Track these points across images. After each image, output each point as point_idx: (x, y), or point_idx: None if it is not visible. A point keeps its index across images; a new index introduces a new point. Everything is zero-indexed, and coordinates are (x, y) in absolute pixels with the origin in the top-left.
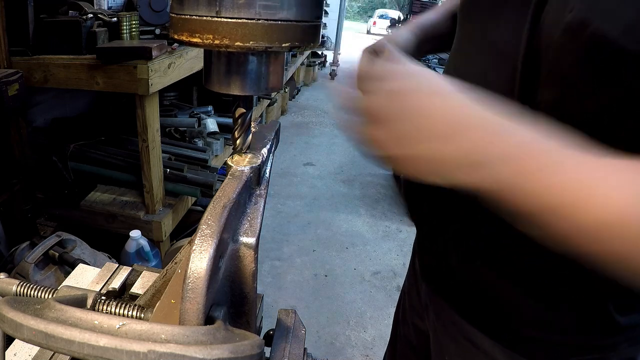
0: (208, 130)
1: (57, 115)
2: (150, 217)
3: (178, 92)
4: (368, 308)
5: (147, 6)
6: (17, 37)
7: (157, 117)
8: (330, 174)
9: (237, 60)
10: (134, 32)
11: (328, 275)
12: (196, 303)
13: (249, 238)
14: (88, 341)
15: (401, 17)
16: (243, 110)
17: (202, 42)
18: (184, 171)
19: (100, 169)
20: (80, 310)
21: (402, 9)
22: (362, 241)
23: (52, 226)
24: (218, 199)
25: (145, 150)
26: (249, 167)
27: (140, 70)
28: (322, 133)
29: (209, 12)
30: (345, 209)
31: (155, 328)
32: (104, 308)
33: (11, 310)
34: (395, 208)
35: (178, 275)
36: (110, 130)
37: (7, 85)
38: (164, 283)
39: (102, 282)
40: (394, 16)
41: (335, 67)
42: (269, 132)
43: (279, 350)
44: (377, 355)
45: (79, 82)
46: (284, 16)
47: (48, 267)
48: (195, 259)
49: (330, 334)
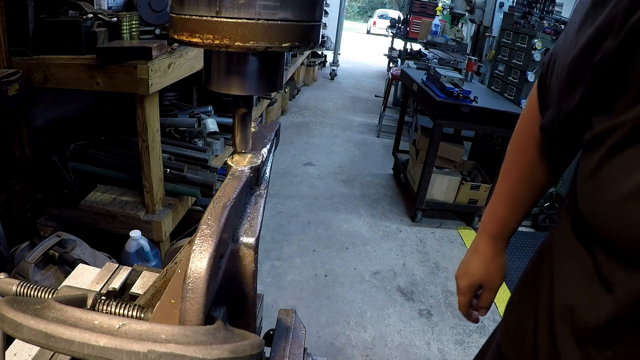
0: (208, 130)
1: (57, 115)
2: (150, 217)
3: (178, 92)
4: (368, 308)
5: (147, 6)
6: (17, 37)
7: (157, 117)
8: (330, 174)
9: (237, 60)
10: (134, 32)
11: (328, 275)
12: (196, 303)
13: (249, 238)
14: (88, 341)
15: (401, 17)
16: (243, 110)
17: (202, 42)
18: (184, 171)
19: (100, 169)
20: (80, 310)
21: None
22: (362, 241)
23: (52, 226)
24: (218, 199)
25: (145, 150)
26: (249, 167)
27: (140, 70)
28: (322, 133)
29: (209, 12)
30: (345, 209)
31: (155, 328)
32: (104, 308)
33: (11, 310)
34: (395, 208)
35: (178, 275)
36: (110, 130)
37: (7, 85)
38: (164, 283)
39: (102, 282)
40: (394, 16)
41: (335, 67)
42: (269, 132)
43: (279, 350)
44: (377, 355)
45: (79, 82)
46: (283, 16)
47: (48, 267)
48: (195, 259)
49: (330, 334)
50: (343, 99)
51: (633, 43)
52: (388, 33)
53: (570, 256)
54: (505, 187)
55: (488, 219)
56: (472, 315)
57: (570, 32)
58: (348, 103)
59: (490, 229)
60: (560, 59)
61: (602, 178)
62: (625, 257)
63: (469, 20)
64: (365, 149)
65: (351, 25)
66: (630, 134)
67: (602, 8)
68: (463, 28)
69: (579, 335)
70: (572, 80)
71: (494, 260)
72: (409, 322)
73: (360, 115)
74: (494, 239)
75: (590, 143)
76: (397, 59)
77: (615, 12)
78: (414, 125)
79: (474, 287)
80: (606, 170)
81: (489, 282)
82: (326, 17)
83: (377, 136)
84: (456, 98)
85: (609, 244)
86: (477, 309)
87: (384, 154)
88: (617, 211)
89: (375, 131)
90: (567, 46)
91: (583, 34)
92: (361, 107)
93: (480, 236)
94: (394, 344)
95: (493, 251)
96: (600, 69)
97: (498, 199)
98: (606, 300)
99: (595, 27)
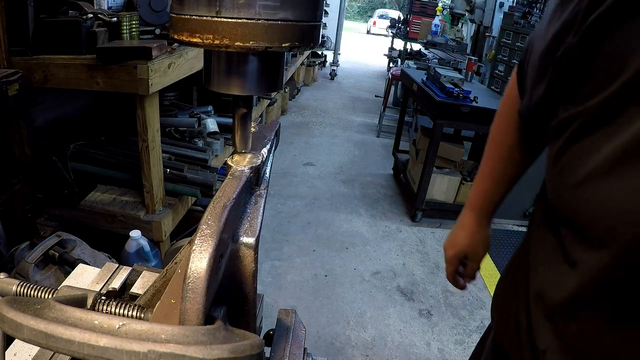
0: (208, 130)
1: (57, 115)
2: (150, 217)
3: (178, 92)
4: (368, 308)
5: (147, 6)
6: (17, 37)
7: (157, 117)
8: (330, 174)
9: (237, 60)
10: (134, 32)
11: (328, 275)
12: (196, 303)
13: (249, 238)
14: (88, 341)
15: (401, 17)
16: (243, 110)
17: (202, 42)
18: (184, 171)
19: (100, 169)
20: (80, 310)
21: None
22: (362, 241)
23: (52, 226)
24: (218, 199)
25: (145, 150)
26: (249, 167)
27: (140, 70)
28: (322, 133)
29: (209, 12)
30: (345, 209)
31: (155, 328)
32: (104, 308)
33: (11, 310)
34: (395, 208)
35: (178, 275)
36: (110, 130)
37: (7, 85)
38: (164, 283)
39: (102, 282)
40: (394, 16)
41: (335, 67)
42: (269, 132)
43: (279, 350)
44: (377, 355)
45: (79, 82)
46: (283, 16)
47: (48, 267)
48: (195, 259)
49: (330, 334)
50: (343, 99)
51: (592, 39)
52: (388, 33)
53: (542, 239)
54: (489, 165)
55: (473, 194)
56: (460, 282)
57: (544, 22)
58: (348, 103)
59: (475, 203)
60: (535, 48)
61: (563, 164)
62: (585, 236)
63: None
64: (365, 149)
65: (351, 25)
66: (588, 123)
67: (568, 4)
68: (463, 28)
69: (548, 312)
70: (541, 71)
71: (478, 232)
72: (409, 322)
73: (360, 115)
74: (478, 213)
75: (555, 130)
76: (397, 59)
77: (577, 10)
78: (414, 125)
79: (459, 257)
80: (567, 157)
81: (474, 253)
82: (326, 17)
83: (377, 136)
84: (456, 98)
85: (571, 225)
86: (464, 276)
87: (384, 154)
88: (576, 194)
89: (375, 131)
90: (540, 37)
91: (551, 27)
92: (361, 107)
93: (466, 210)
94: (394, 344)
95: (477, 224)
96: (563, 61)
97: (482, 174)
98: (570, 278)
99: (561, 22)
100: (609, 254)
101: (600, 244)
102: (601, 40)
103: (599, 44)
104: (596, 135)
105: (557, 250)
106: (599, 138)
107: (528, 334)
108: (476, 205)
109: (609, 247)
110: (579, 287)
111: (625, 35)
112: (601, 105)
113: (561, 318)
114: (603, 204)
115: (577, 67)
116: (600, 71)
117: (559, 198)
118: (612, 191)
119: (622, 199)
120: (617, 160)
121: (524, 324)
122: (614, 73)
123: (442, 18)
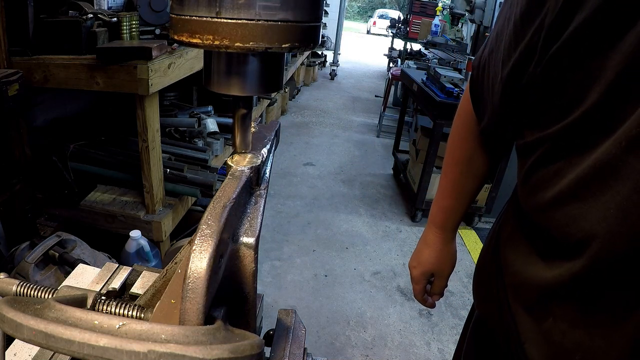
0: (208, 130)
1: (57, 115)
2: (150, 217)
3: (178, 92)
4: (368, 308)
5: (147, 6)
6: (17, 37)
7: (157, 117)
8: (330, 174)
9: (237, 60)
10: (134, 32)
11: (328, 275)
12: (196, 303)
13: (249, 238)
14: (88, 341)
15: (401, 17)
16: (243, 110)
17: (202, 42)
18: (184, 171)
19: (100, 169)
20: (80, 310)
21: (402, 9)
22: (362, 241)
23: (52, 226)
24: (218, 199)
25: (145, 151)
26: (249, 167)
27: (140, 71)
28: (322, 133)
29: (209, 13)
30: (345, 209)
31: (155, 328)
32: (104, 308)
33: (11, 310)
34: (395, 208)
35: (178, 275)
36: (110, 130)
37: (7, 85)
38: (164, 283)
39: (102, 282)
40: (394, 16)
41: (335, 67)
42: (269, 132)
43: (279, 350)
44: (377, 355)
45: (79, 82)
46: (283, 17)
47: (48, 267)
48: (195, 259)
49: (330, 334)
50: (343, 99)
51: (555, 69)
52: (388, 33)
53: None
54: (449, 180)
55: (435, 211)
56: (428, 301)
57: (499, 44)
58: (348, 103)
59: (437, 220)
60: (491, 73)
61: (533, 183)
62: (557, 245)
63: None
64: (365, 149)
65: (351, 25)
66: (552, 148)
67: (527, 27)
68: (463, 28)
69: (525, 305)
70: (504, 98)
71: (443, 249)
72: (409, 322)
73: (360, 115)
74: (442, 229)
75: (522, 150)
76: (397, 59)
77: (536, 39)
78: (414, 125)
79: (426, 276)
80: (535, 178)
81: (440, 271)
82: (326, 17)
83: (377, 136)
84: (456, 98)
85: (543, 233)
86: (431, 295)
87: (384, 154)
88: (545, 213)
89: (375, 131)
90: (497, 62)
91: (511, 53)
92: (361, 107)
93: (429, 227)
94: (394, 344)
95: (442, 241)
96: (527, 91)
97: (442, 191)
98: (546, 273)
99: (519, 52)
100: (581, 263)
101: (573, 254)
102: (564, 71)
103: (562, 74)
104: (561, 162)
105: (532, 249)
106: (563, 165)
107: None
108: (439, 222)
109: (582, 256)
110: (554, 283)
111: (585, 65)
112: (564, 133)
113: (538, 312)
114: (572, 223)
115: (540, 95)
116: (562, 98)
117: (531, 211)
118: (580, 211)
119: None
120: (582, 185)
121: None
122: (575, 101)
123: (442, 18)
